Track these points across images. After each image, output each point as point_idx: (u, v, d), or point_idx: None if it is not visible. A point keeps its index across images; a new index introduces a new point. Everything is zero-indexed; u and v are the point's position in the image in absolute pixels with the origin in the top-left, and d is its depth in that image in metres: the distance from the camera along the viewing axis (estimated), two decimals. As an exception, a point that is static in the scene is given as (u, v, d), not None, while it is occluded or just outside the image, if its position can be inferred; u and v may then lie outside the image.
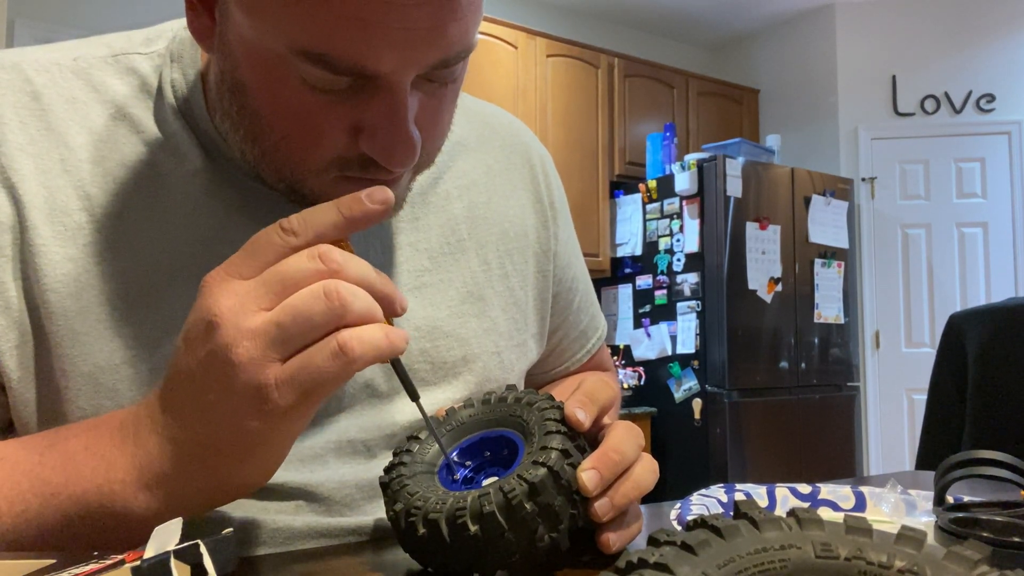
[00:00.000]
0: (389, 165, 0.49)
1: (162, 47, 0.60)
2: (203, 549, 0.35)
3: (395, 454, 0.50)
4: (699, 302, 3.60)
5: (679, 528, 0.49)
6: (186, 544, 0.34)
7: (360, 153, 0.49)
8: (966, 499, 0.58)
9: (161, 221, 0.55)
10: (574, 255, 0.79)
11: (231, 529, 0.37)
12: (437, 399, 0.63)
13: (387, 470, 0.49)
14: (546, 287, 0.74)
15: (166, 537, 0.34)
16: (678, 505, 0.55)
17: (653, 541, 0.26)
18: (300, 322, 0.38)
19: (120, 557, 0.35)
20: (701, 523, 0.26)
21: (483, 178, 0.71)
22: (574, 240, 0.80)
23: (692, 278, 3.63)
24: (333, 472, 0.59)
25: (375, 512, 0.60)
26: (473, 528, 0.42)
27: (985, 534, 0.45)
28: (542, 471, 0.43)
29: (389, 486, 0.47)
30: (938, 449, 1.60)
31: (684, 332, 3.65)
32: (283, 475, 0.56)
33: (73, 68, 0.58)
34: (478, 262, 0.67)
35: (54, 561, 0.35)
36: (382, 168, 0.50)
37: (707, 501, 0.56)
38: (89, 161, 0.55)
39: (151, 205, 0.55)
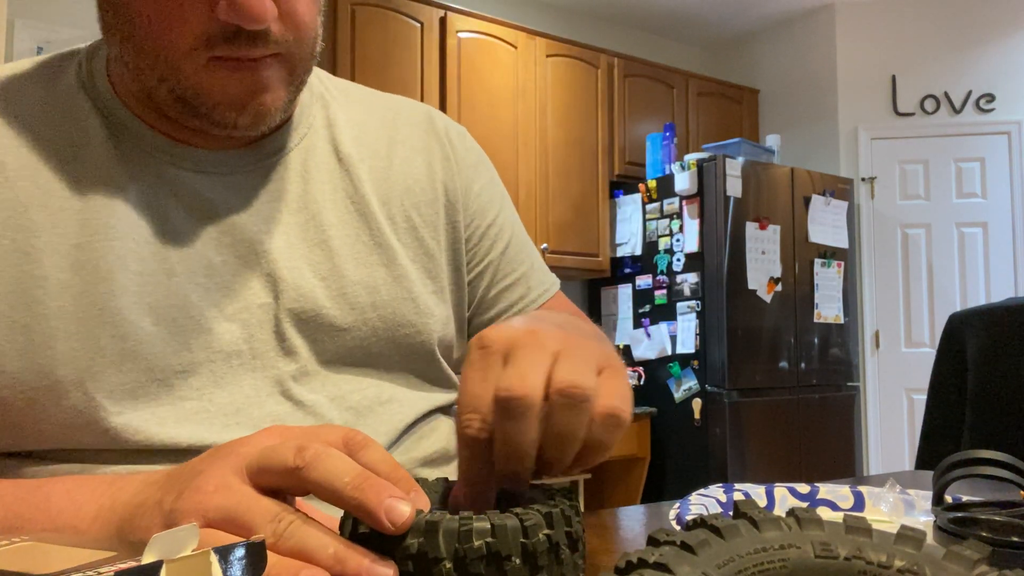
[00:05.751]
0: (246, 22, 0.52)
1: (76, 51, 0.67)
2: (213, 558, 0.30)
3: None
4: (699, 302, 3.60)
5: (678, 528, 0.49)
6: (199, 552, 0.30)
7: (222, 25, 0.53)
8: (965, 499, 0.57)
9: (71, 186, 0.60)
10: (496, 206, 0.81)
11: (262, 536, 0.34)
12: (346, 343, 0.66)
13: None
14: (458, 237, 0.77)
15: (173, 545, 0.30)
16: (677, 505, 0.55)
17: (653, 541, 0.26)
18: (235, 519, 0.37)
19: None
20: (701, 523, 0.26)
21: (384, 148, 0.75)
22: (498, 194, 0.82)
23: (692, 278, 3.63)
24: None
25: None
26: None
27: (984, 534, 0.45)
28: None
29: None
30: (938, 449, 1.60)
31: (684, 332, 3.65)
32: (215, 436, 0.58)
33: None
34: (384, 217, 0.71)
35: (115, 553, 0.33)
36: (245, 40, 0.54)
37: (706, 501, 0.56)
38: (5, 136, 0.60)
39: (62, 169, 0.60)
